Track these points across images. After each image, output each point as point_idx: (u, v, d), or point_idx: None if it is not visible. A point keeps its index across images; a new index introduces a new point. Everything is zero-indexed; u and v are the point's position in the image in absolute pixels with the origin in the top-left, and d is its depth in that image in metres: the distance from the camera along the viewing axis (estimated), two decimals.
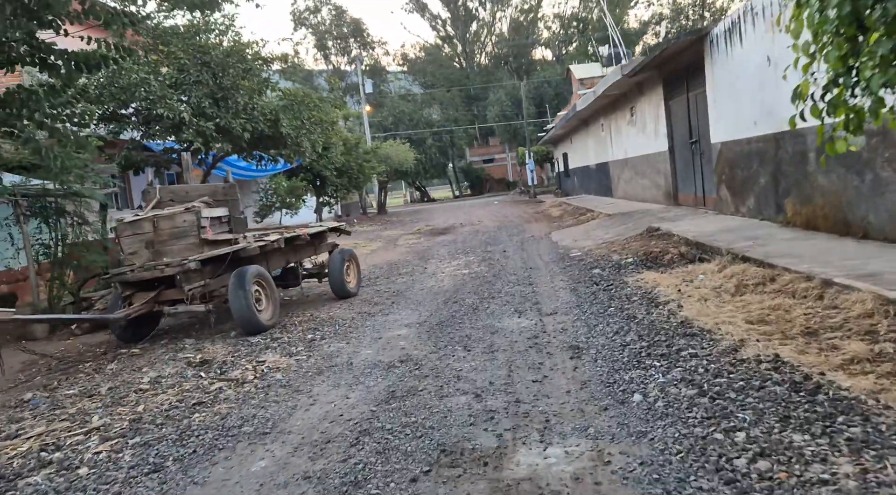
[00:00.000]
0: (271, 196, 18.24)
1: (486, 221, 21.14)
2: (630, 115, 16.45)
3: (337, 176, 22.51)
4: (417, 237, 17.97)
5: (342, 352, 5.50)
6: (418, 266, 11.54)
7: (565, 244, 11.81)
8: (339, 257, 8.47)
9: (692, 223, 9.89)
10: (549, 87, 44.98)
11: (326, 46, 49.03)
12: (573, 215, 17.96)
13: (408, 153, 35.66)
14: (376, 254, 14.75)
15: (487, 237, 15.43)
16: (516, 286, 8.00)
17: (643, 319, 5.34)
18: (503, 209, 27.99)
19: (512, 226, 17.78)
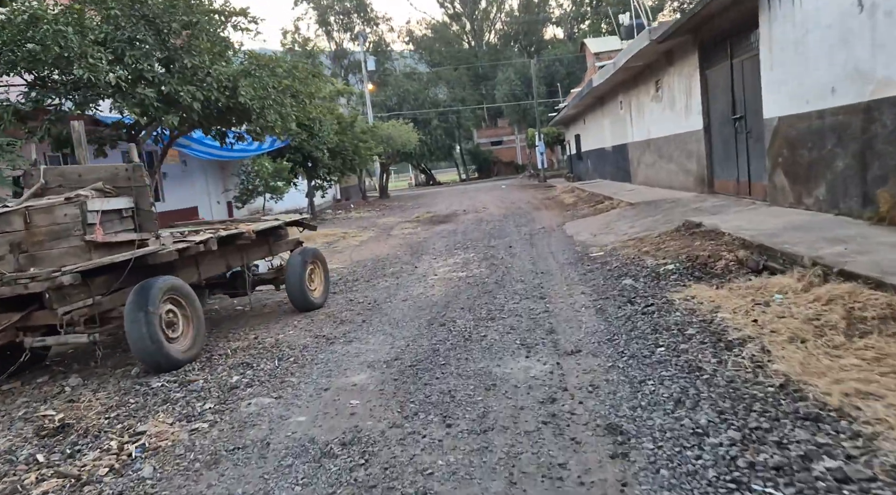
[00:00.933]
0: (253, 179, 16.44)
1: (491, 208, 19.30)
2: (655, 90, 14.49)
3: (330, 157, 20.67)
4: (415, 226, 16.16)
5: (264, 418, 3.72)
6: (408, 264, 9.75)
7: (582, 239, 9.97)
8: (300, 259, 6.69)
9: (742, 217, 8.02)
10: (561, 65, 42.76)
11: (328, 22, 46.89)
12: (588, 203, 16.09)
13: (411, 134, 33.76)
14: (365, 246, 12.97)
15: (492, 227, 13.60)
16: (524, 300, 6.19)
17: (715, 376, 3.53)
18: (511, 194, 26.10)
19: (520, 215, 15.94)
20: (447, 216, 18.07)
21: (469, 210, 19.36)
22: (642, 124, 16.10)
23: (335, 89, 21.91)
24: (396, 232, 15.13)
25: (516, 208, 18.20)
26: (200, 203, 17.78)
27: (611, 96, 19.68)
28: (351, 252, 12.16)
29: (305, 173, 20.46)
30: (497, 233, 12.50)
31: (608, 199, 14.64)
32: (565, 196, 19.98)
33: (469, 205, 21.78)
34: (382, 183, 36.08)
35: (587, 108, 24.52)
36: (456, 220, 16.40)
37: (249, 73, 8.73)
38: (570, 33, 53.94)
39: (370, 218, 20.51)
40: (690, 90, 11.98)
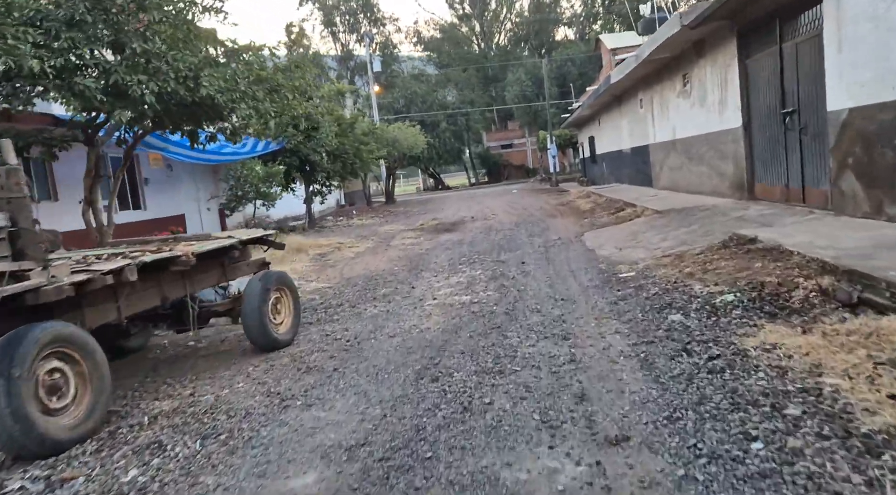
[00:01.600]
0: (242, 184, 15.16)
1: (501, 215, 17.92)
2: (682, 85, 13.07)
3: (329, 161, 19.39)
4: (418, 235, 14.81)
5: None
6: (404, 283, 8.40)
7: (606, 254, 8.57)
8: (260, 287, 5.34)
9: (806, 230, 6.61)
10: (574, 65, 41.33)
11: (334, 23, 45.77)
12: (607, 209, 14.68)
13: (418, 136, 32.46)
14: (360, 259, 11.63)
15: (502, 238, 12.23)
16: (541, 340, 4.82)
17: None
18: (522, 199, 24.71)
19: (532, 223, 14.55)
20: (454, 224, 16.71)
21: (477, 217, 18.00)
22: (666, 123, 14.67)
23: (336, 89, 20.64)
24: (397, 242, 13.78)
25: (528, 215, 16.81)
26: (188, 210, 16.54)
27: (630, 94, 18.26)
28: (343, 266, 10.82)
29: (303, 178, 19.17)
30: (507, 244, 11.12)
31: (630, 206, 13.22)
32: (581, 202, 18.57)
33: (478, 211, 20.42)
34: (388, 187, 34.79)
35: (602, 107, 23.10)
36: (463, 229, 15.04)
37: (214, 62, 7.41)
38: (581, 33, 52.51)
39: (371, 225, 19.19)
40: (726, 83, 10.56)
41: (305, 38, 45.58)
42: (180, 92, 7.16)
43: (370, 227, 18.44)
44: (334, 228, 19.30)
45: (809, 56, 7.74)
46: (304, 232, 18.61)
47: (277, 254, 13.23)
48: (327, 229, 19.05)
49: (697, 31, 10.51)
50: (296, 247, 13.49)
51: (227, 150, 15.99)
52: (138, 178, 14.69)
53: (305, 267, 11.18)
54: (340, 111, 19.95)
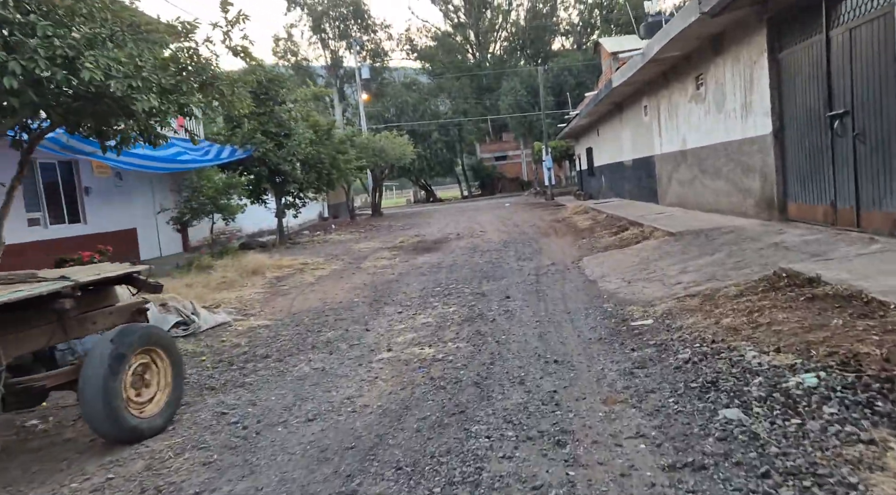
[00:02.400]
0: (196, 196, 13.44)
1: (490, 232, 16.25)
2: (695, 88, 11.47)
3: (303, 171, 17.72)
4: (393, 255, 13.11)
5: None
6: (358, 323, 6.70)
7: (611, 288, 6.88)
8: (108, 352, 3.60)
9: (888, 267, 4.93)
10: (570, 75, 39.89)
11: (323, 30, 44.28)
12: (608, 228, 13.02)
13: (406, 146, 30.87)
14: (320, 285, 9.92)
15: (487, 261, 10.55)
16: (522, 446, 3.12)
17: None
18: (515, 214, 23.06)
19: (524, 242, 12.88)
20: (436, 242, 15.03)
21: (464, 234, 16.31)
22: (675, 132, 13.06)
23: (311, 92, 19.00)
24: (368, 264, 12.07)
25: (520, 233, 15.14)
26: (142, 225, 14.78)
27: (633, 101, 16.68)
28: (296, 296, 9.10)
29: (273, 189, 17.48)
30: (492, 270, 9.43)
31: (635, 225, 11.55)
32: (578, 218, 16.91)
33: (465, 227, 18.74)
34: (375, 200, 33.12)
35: (602, 116, 21.52)
36: (445, 249, 13.35)
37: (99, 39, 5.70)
38: (578, 43, 51.19)
39: (348, 242, 17.48)
40: (751, 83, 8.94)
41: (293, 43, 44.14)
42: (58, 76, 5.46)
43: (345, 244, 16.73)
44: (307, 245, 17.57)
45: (872, 42, 6.11)
46: (273, 248, 16.90)
47: (229, 275, 11.58)
48: (299, 246, 17.33)
49: (717, 22, 8.89)
50: (253, 268, 11.77)
51: (185, 158, 14.31)
52: (77, 188, 12.97)
53: (253, 295, 9.45)
54: (317, 116, 18.30)
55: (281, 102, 17.12)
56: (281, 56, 43.79)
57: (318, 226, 24.62)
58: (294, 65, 44.51)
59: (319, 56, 45.64)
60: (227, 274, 11.35)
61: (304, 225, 25.95)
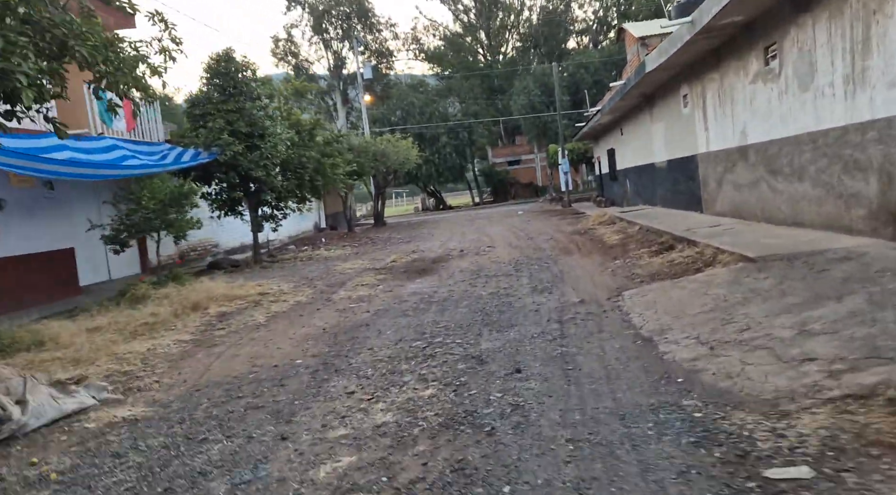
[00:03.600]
0: (136, 210, 10.96)
1: (500, 247, 13.68)
2: (763, 62, 8.83)
3: (283, 177, 15.27)
4: (379, 281, 10.55)
5: None
6: (278, 417, 4.17)
7: (686, 358, 4.26)
8: None
9: None
10: (587, 73, 37.24)
11: (325, 29, 42.01)
12: (645, 244, 10.39)
13: (410, 150, 28.42)
14: (265, 331, 7.38)
15: (492, 293, 7.97)
16: None
17: None
18: (529, 224, 20.44)
19: (540, 263, 10.29)
20: (435, 261, 12.47)
21: (468, 250, 13.74)
22: (728, 124, 10.41)
23: (293, 86, 16.49)
24: (344, 293, 9.52)
25: (534, 249, 12.54)
26: (84, 243, 12.34)
27: (668, 90, 14.04)
28: (225, 350, 6.56)
29: (247, 199, 15.02)
30: (498, 310, 6.85)
31: (686, 243, 8.90)
32: (603, 230, 14.26)
33: (472, 240, 16.18)
34: (377, 208, 30.65)
35: (627, 112, 18.87)
36: (443, 271, 10.79)
37: None
38: (595, 41, 48.55)
39: (334, 260, 14.96)
40: (869, 43, 6.30)
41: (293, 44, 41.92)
42: None
43: (329, 263, 14.20)
44: (287, 264, 15.07)
45: None
46: (246, 269, 14.43)
47: (161, 312, 9.06)
48: (276, 265, 14.84)
49: None
50: (196, 301, 9.27)
51: (132, 162, 11.88)
52: None
53: (171, 346, 6.93)
54: (299, 114, 15.83)
55: (255, 98, 14.71)
56: (281, 58, 41.55)
57: (310, 238, 22.14)
58: (295, 66, 42.25)
59: (322, 58, 43.37)
60: (162, 309, 8.85)
61: (297, 237, 23.52)
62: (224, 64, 14.14)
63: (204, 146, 13.62)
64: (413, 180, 42.65)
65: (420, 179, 42.36)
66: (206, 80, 14.26)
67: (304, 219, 25.96)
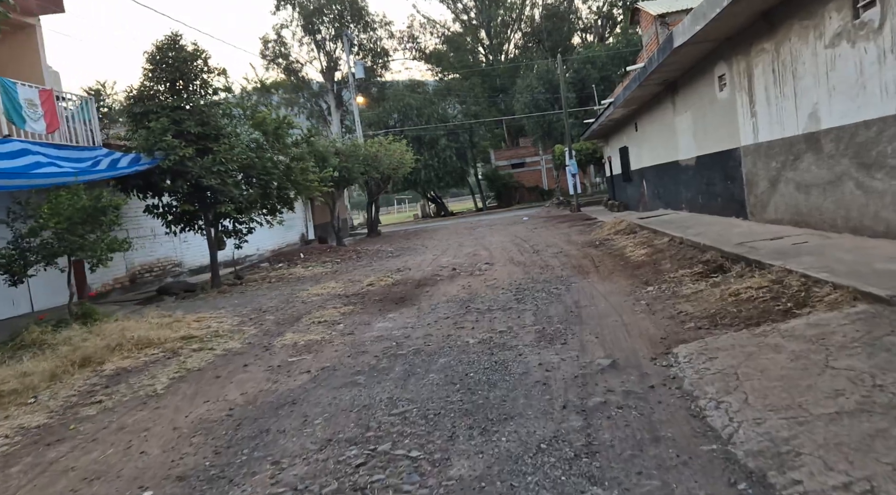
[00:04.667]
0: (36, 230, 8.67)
1: (499, 264, 11.41)
2: (850, 15, 6.51)
3: (246, 185, 13.03)
4: (340, 316, 8.26)
5: None
6: None
7: None
8: None
9: None
10: (594, 68, 34.91)
11: (317, 29, 39.87)
12: (685, 263, 8.05)
13: (405, 154, 26.21)
14: (149, 410, 5.11)
15: (482, 342, 5.69)
16: None
17: None
18: (534, 231, 18.13)
19: (548, 287, 7.99)
20: (419, 284, 10.20)
21: (462, 268, 11.46)
22: (788, 106, 8.09)
23: (257, 80, 14.13)
24: (289, 338, 7.21)
25: (542, 267, 10.25)
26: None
27: (695, 73, 11.73)
28: (71, 452, 4.30)
29: (201, 213, 12.78)
30: (488, 383, 4.53)
31: (745, 264, 6.56)
32: (623, 240, 11.93)
33: (468, 254, 13.92)
34: (371, 217, 28.41)
35: (644, 104, 16.55)
36: (425, 301, 8.50)
37: None
38: (600, 36, 46.24)
39: (305, 281, 12.70)
40: None
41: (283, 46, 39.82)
42: None
43: (297, 287, 11.94)
44: (249, 287, 12.81)
45: None
46: (197, 295, 12.19)
47: (37, 368, 6.64)
48: (235, 290, 12.58)
49: None
50: (91, 351, 7.00)
51: (46, 170, 9.65)
52: None
53: None
54: (266, 113, 13.58)
55: (213, 92, 12.52)
56: (270, 60, 39.43)
57: (293, 252, 19.86)
58: (285, 68, 40.14)
59: (314, 59, 41.24)
60: (41, 365, 6.57)
61: (281, 250, 21.27)
62: (171, 52, 11.92)
63: (145, 150, 11.40)
64: (411, 186, 40.42)
65: (419, 185, 40.12)
66: (149, 72, 12.04)
67: (289, 231, 23.75)
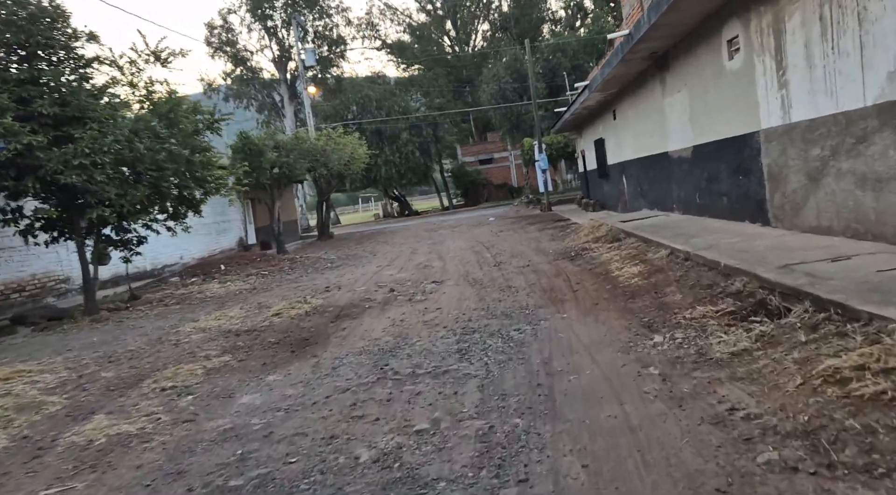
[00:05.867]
0: None
1: (451, 282, 8.94)
2: None
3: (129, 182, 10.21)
4: (202, 376, 5.61)
5: None
6: None
7: None
8: None
9: None
10: (565, 57, 32.58)
11: (268, 15, 36.79)
12: (701, 293, 5.59)
13: (358, 148, 23.54)
14: None
15: (390, 443, 3.07)
16: None
17: None
18: (500, 236, 15.63)
19: (508, 325, 5.45)
20: (339, 314, 7.66)
21: (403, 289, 8.93)
22: (847, 66, 5.72)
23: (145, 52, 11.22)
24: (91, 429, 4.55)
25: (504, 287, 7.75)
26: None
27: (695, 40, 9.33)
28: None
29: (67, 223, 9.96)
30: None
31: (827, 311, 4.09)
32: (607, 252, 9.46)
33: (418, 266, 11.42)
34: (322, 218, 25.65)
35: (626, 87, 14.16)
36: (335, 345, 5.94)
37: None
38: (572, 25, 44.00)
39: (205, 305, 10.01)
40: None
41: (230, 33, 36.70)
42: None
43: (189, 314, 9.24)
44: (132, 315, 10.05)
45: None
46: (62, 324, 9.41)
47: None
48: (113, 318, 9.82)
49: None
50: None
51: None
52: None
53: None
54: (161, 93, 10.76)
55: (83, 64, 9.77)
56: (217, 47, 36.27)
57: (225, 260, 17.01)
58: (233, 57, 37.03)
59: (265, 47, 38.16)
60: None
61: (212, 257, 18.39)
62: (15, 8, 9.09)
63: None
64: (371, 183, 37.71)
65: (379, 182, 37.40)
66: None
67: (224, 235, 20.89)
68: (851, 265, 4.84)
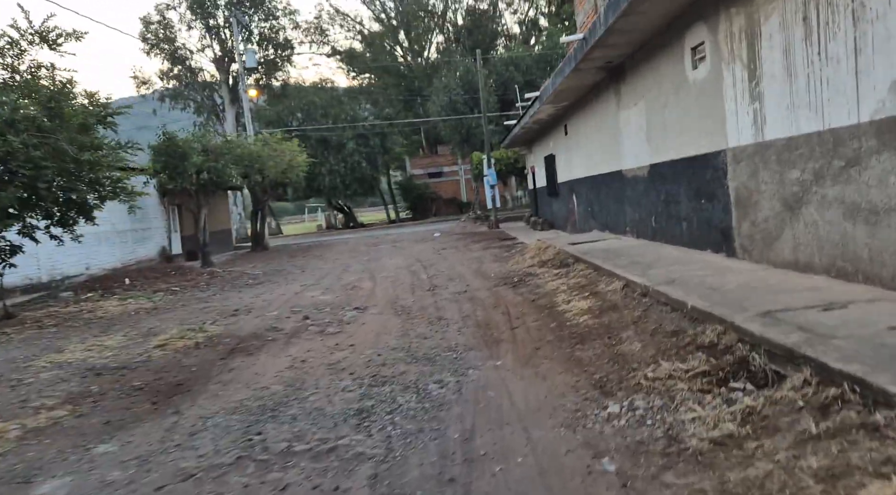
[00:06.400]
0: None
1: (376, 309, 7.77)
2: None
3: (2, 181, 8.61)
4: (18, 442, 4.20)
5: None
6: None
7: None
8: None
9: None
10: (517, 71, 31.92)
11: (210, 13, 34.92)
12: (672, 347, 4.53)
13: (297, 154, 22.14)
14: None
15: None
16: None
17: None
18: (442, 254, 14.50)
19: (428, 375, 4.27)
20: (235, 347, 6.38)
21: (320, 316, 7.68)
22: (837, 75, 4.84)
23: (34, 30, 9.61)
24: None
25: (433, 319, 6.60)
26: None
27: (655, 48, 8.44)
28: None
29: None
30: None
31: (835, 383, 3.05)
32: (553, 279, 8.41)
33: (346, 287, 10.18)
34: (256, 228, 24.02)
35: (578, 100, 13.30)
36: (210, 395, 4.64)
37: None
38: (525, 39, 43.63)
39: (93, 326, 8.50)
40: None
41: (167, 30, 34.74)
42: None
43: (62, 341, 7.73)
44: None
45: None
46: None
47: None
48: None
49: None
50: None
51: None
52: None
53: None
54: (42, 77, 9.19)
55: None
56: (153, 45, 34.19)
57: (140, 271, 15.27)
58: (170, 55, 35.00)
59: (206, 47, 36.25)
60: None
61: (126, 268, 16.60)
62: None
63: None
64: (315, 193, 36.14)
65: (323, 192, 35.86)
66: None
67: (143, 244, 19.07)
68: (853, 317, 3.86)
